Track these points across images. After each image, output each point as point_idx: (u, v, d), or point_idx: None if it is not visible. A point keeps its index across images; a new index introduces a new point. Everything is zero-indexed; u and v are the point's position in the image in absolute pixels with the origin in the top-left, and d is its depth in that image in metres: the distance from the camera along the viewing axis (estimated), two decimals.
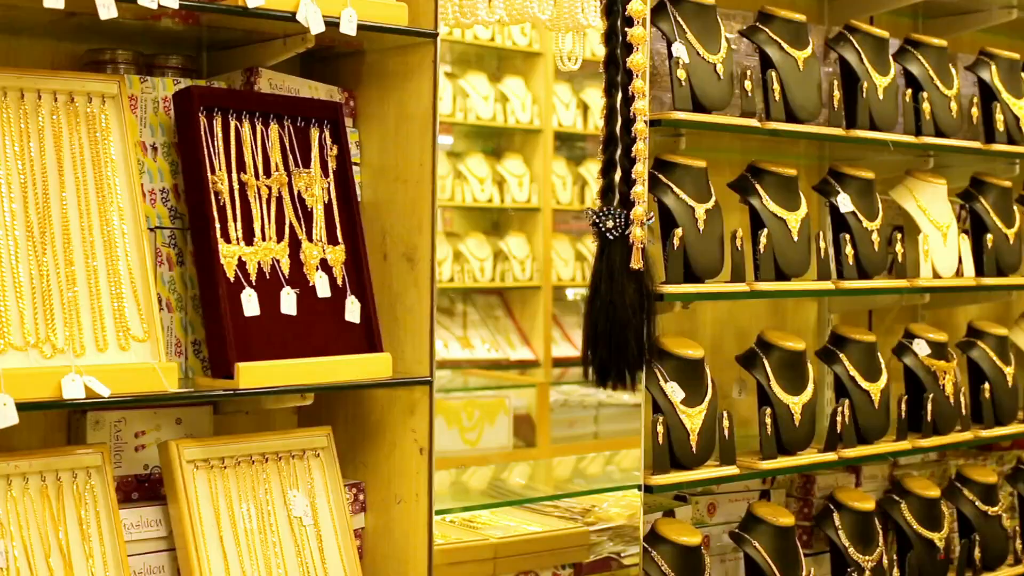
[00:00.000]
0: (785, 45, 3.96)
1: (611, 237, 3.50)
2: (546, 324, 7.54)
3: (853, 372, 4.15)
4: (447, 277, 7.34)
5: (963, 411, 4.45)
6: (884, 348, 4.46)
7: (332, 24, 3.00)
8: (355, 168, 3.35)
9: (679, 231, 3.65)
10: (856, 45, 4.20)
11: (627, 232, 3.49)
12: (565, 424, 7.10)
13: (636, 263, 3.49)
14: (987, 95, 4.65)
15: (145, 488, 3.13)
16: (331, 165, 3.22)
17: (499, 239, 7.57)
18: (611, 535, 4.39)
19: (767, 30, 3.97)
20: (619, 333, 3.49)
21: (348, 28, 3.03)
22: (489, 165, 7.52)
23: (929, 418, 4.31)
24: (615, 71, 3.52)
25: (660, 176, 3.71)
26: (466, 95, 7.37)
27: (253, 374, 2.92)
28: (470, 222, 7.73)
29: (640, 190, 3.49)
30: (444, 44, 7.54)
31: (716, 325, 4.40)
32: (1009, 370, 4.64)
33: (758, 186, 3.94)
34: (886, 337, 4.66)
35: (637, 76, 3.49)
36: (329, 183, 3.21)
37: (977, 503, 4.54)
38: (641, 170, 3.49)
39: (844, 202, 4.12)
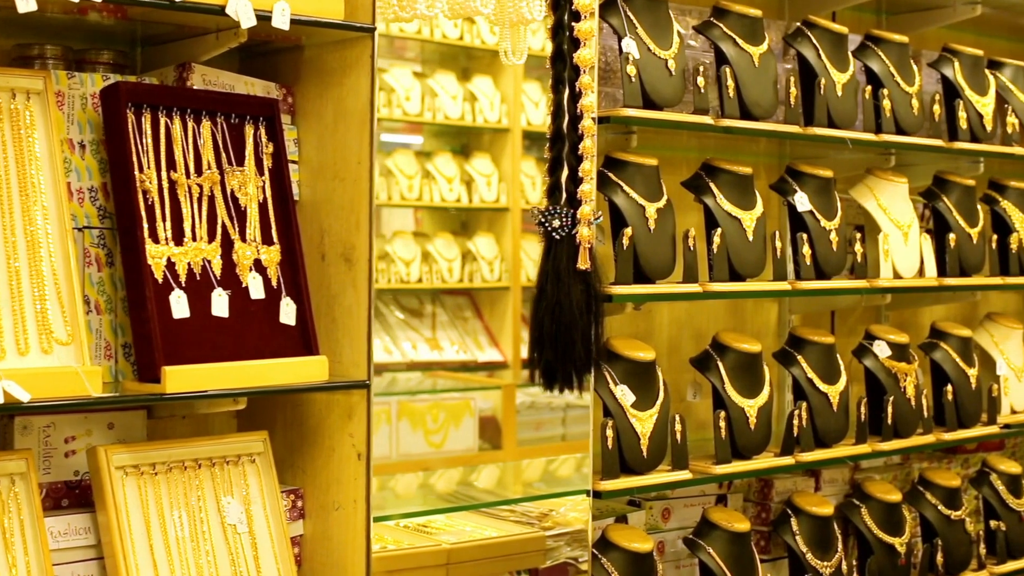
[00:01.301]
0: (740, 41, 3.88)
1: (557, 237, 3.42)
2: (515, 325, 7.46)
3: (811, 374, 4.07)
4: (415, 278, 7.26)
5: (925, 414, 4.37)
6: (847, 349, 4.39)
7: (264, 18, 2.92)
8: (293, 166, 3.28)
9: (628, 231, 3.57)
10: (814, 41, 4.12)
11: (574, 232, 3.41)
12: (532, 426, 7.02)
13: (583, 263, 3.41)
14: (950, 92, 4.58)
15: (75, 495, 3.04)
16: (266, 163, 3.14)
17: (467, 239, 7.49)
18: (568, 540, 4.32)
19: (722, 25, 3.89)
20: (565, 335, 3.41)
21: (280, 22, 2.94)
22: (457, 164, 7.44)
23: (889, 421, 4.24)
24: (562, 67, 3.44)
25: (610, 175, 3.63)
26: (434, 94, 7.29)
27: (181, 378, 2.84)
28: (438, 222, 7.65)
29: (587, 189, 3.41)
30: (414, 43, 7.49)
31: (673, 326, 4.32)
32: (972, 372, 4.57)
33: (712, 185, 3.86)
34: (849, 338, 4.59)
35: (584, 72, 3.41)
36: (264, 181, 3.13)
37: (940, 507, 4.46)
38: (588, 168, 3.41)
39: (801, 201, 4.04)
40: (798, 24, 4.20)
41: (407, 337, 7.34)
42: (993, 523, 4.67)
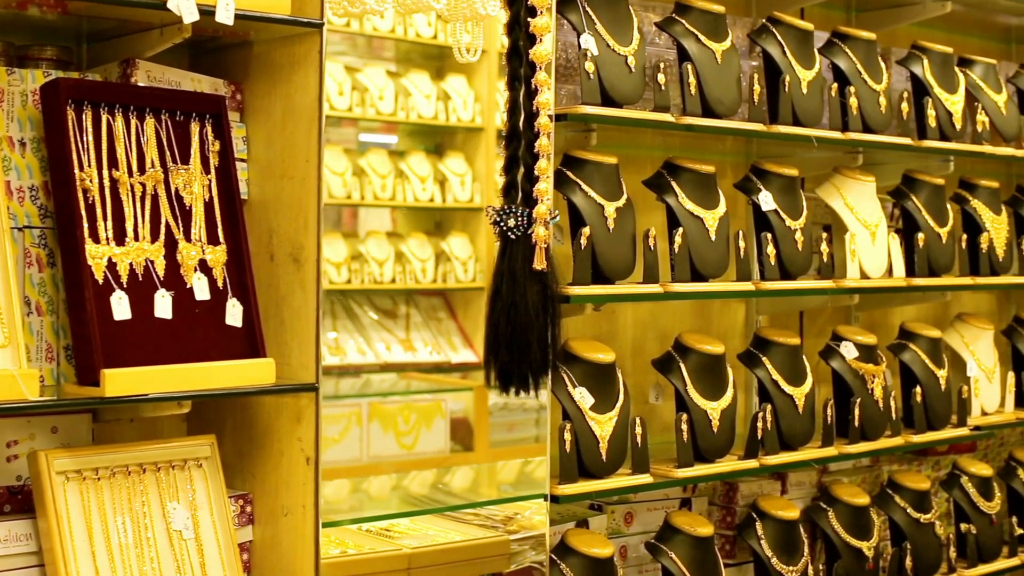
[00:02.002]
0: (702, 37, 3.82)
1: (513, 237, 3.36)
2: None
3: (776, 376, 4.01)
4: (388, 278, 7.18)
5: (893, 416, 4.31)
6: (816, 351, 4.33)
7: (207, 13, 2.85)
8: (242, 164, 3.21)
9: (586, 230, 3.51)
10: (779, 38, 4.06)
11: (530, 231, 3.35)
12: (504, 427, 6.95)
13: (539, 263, 3.35)
14: (919, 90, 4.52)
15: (18, 500, 2.98)
16: (212, 161, 3.07)
17: (441, 239, 7.42)
18: (533, 544, 4.25)
19: (684, 21, 3.82)
20: (521, 336, 3.35)
21: (224, 17, 2.87)
22: (431, 164, 7.37)
23: (856, 423, 4.18)
24: (518, 63, 3.37)
25: (568, 173, 3.57)
26: (408, 94, 7.22)
27: (121, 381, 2.77)
28: (412, 222, 7.58)
29: (543, 187, 3.35)
30: (387, 43, 7.41)
31: (637, 327, 4.26)
32: (942, 373, 4.50)
33: (674, 183, 3.79)
34: (818, 339, 4.52)
35: (540, 68, 3.35)
36: (210, 180, 3.06)
37: (908, 510, 4.40)
38: (544, 166, 3.35)
39: (766, 200, 3.98)
40: (763, 21, 4.13)
41: (381, 338, 7.26)
42: (964, 526, 4.61)
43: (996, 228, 4.73)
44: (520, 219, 3.35)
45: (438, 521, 4.33)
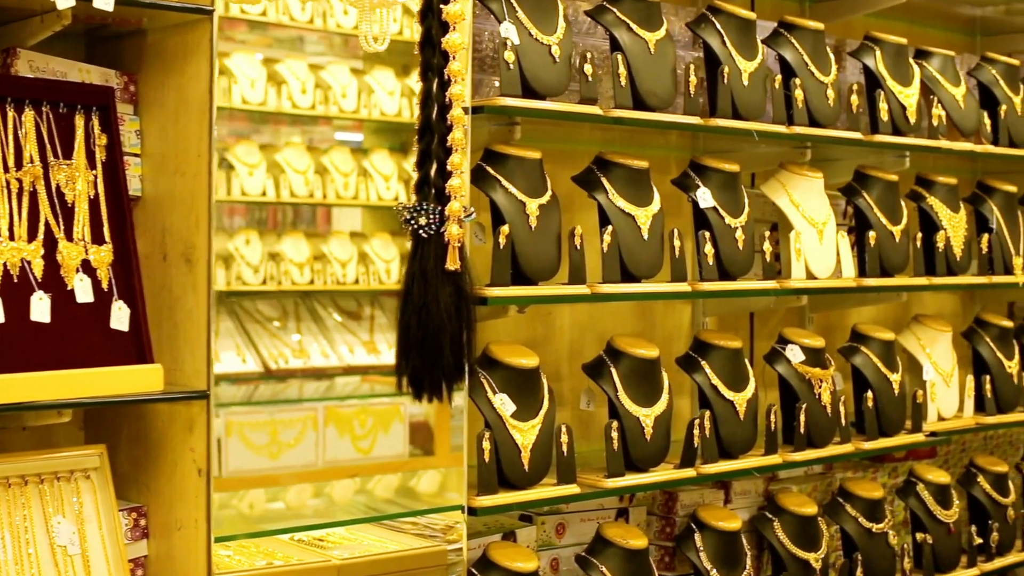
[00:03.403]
0: (635, 26, 3.65)
1: (425, 235, 3.20)
2: None
3: (716, 381, 3.83)
4: (352, 279, 7.02)
5: (842, 422, 4.14)
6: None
7: None
8: (136, 160, 3.06)
9: (505, 228, 3.34)
10: (719, 27, 3.89)
11: (442, 230, 3.18)
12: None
13: (452, 264, 3.18)
14: (872, 83, 4.34)
15: None
16: (99, 156, 2.92)
17: (406, 239, 7.24)
18: None
19: (615, 10, 3.65)
20: (433, 340, 3.17)
21: (102, 3, 2.71)
22: (395, 162, 7.20)
23: (802, 429, 4.00)
24: (431, 53, 3.20)
25: (488, 169, 3.41)
26: (371, 91, 7.05)
27: None
28: (376, 222, 7.41)
29: (457, 183, 3.18)
30: (355, 40, 7.24)
31: (575, 330, 4.09)
32: (895, 377, 4.32)
33: (604, 179, 3.62)
34: (769, 342, 4.34)
35: (454, 58, 3.18)
36: (96, 176, 2.91)
37: (860, 519, 4.23)
38: (458, 161, 3.18)
39: (703, 196, 3.81)
40: (703, 10, 3.96)
41: (344, 340, 7.10)
42: (919, 535, 4.43)
43: (954, 226, 4.55)
44: (432, 217, 3.18)
45: (375, 530, 4.17)
